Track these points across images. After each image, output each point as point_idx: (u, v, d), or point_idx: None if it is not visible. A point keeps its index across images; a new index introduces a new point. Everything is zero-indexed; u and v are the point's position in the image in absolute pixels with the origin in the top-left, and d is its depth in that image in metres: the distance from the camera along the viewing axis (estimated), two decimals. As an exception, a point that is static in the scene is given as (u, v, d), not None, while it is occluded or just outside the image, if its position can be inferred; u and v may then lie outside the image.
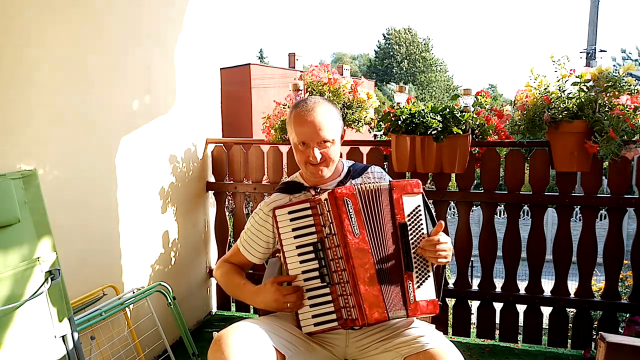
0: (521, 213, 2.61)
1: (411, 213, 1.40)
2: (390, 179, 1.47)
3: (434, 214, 1.47)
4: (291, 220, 1.42)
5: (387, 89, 35.89)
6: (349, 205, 1.36)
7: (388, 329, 1.43)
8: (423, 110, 2.38)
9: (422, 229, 1.41)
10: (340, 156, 1.56)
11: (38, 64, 1.75)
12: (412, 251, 1.38)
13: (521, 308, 2.60)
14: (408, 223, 1.39)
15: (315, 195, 1.49)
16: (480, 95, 2.48)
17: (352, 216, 1.36)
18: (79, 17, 1.92)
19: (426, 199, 1.44)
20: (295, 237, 1.41)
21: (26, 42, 1.70)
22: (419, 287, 1.38)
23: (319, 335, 1.45)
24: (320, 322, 1.38)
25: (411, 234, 1.39)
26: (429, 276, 1.40)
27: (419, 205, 1.41)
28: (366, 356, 1.42)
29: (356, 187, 1.39)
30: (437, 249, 1.36)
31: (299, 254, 1.41)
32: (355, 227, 1.36)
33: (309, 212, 1.41)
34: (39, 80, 1.76)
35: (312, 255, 1.40)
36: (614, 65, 2.13)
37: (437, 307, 1.39)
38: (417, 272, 1.38)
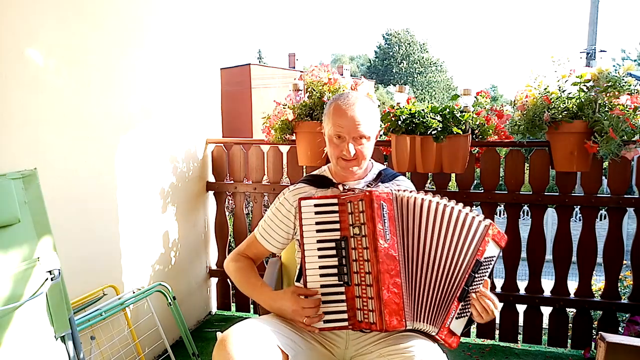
0: (521, 213, 2.60)
1: (487, 258, 1.39)
2: (490, 221, 1.42)
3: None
4: (316, 213, 1.39)
5: (387, 89, 35.88)
6: (385, 210, 1.34)
7: (386, 333, 1.42)
8: (423, 110, 2.38)
9: (485, 277, 1.40)
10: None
11: (38, 63, 1.75)
12: (471, 288, 1.37)
13: (521, 308, 2.60)
14: (483, 263, 1.38)
15: (344, 192, 1.47)
16: (480, 95, 2.48)
17: (385, 221, 1.33)
18: (78, 17, 1.93)
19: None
20: (318, 232, 1.39)
21: (26, 42, 1.70)
22: (457, 318, 1.37)
23: (322, 333, 1.44)
24: (331, 319, 1.37)
25: (478, 273, 1.38)
26: (467, 315, 1.39)
27: (494, 257, 1.41)
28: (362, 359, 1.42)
29: (393, 192, 1.37)
30: (485, 304, 1.35)
31: (319, 249, 1.39)
32: (387, 233, 1.33)
33: (336, 208, 1.39)
34: (38, 80, 1.76)
35: (332, 252, 1.38)
36: (614, 66, 2.13)
37: (457, 343, 1.38)
38: (462, 306, 1.37)
